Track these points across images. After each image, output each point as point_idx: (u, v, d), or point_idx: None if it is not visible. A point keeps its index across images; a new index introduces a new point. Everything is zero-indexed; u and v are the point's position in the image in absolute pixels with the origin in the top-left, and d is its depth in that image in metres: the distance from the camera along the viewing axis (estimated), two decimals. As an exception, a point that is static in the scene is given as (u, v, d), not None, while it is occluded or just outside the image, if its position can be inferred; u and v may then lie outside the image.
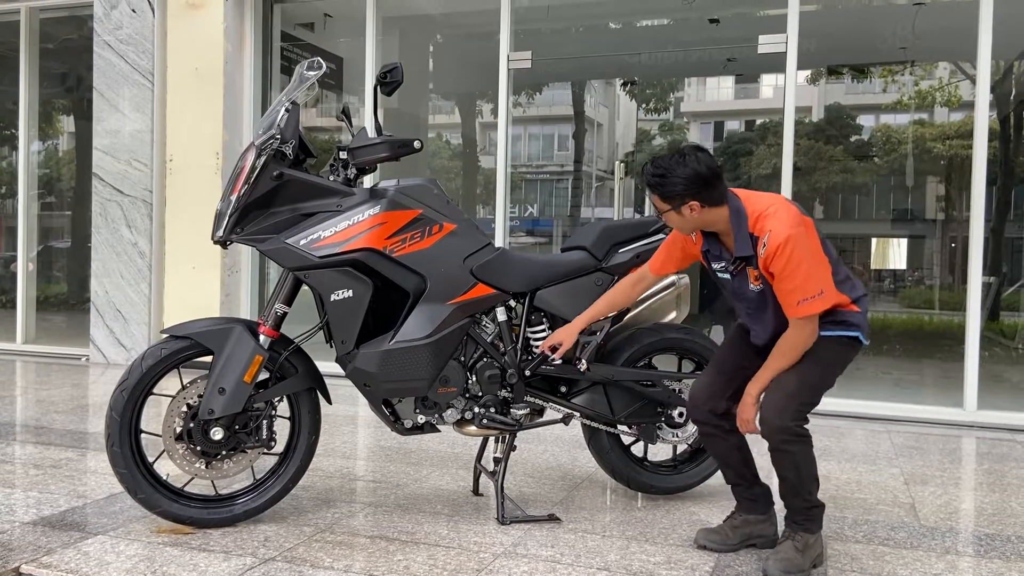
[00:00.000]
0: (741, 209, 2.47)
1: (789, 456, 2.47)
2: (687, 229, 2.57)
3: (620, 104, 18.64)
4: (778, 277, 2.39)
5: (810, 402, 2.50)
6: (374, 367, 2.75)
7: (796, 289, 2.37)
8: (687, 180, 2.43)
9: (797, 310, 2.39)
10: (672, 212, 2.49)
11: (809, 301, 2.37)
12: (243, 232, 2.71)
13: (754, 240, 2.43)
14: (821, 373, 2.50)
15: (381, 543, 2.68)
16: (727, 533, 2.71)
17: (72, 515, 2.89)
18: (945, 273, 12.27)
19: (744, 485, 2.74)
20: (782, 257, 2.35)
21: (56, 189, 9.94)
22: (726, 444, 2.71)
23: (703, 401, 2.69)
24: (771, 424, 2.45)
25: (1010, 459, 4.14)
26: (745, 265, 2.52)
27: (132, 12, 6.40)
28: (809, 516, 2.54)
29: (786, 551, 2.50)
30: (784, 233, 2.35)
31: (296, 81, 2.80)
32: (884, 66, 10.77)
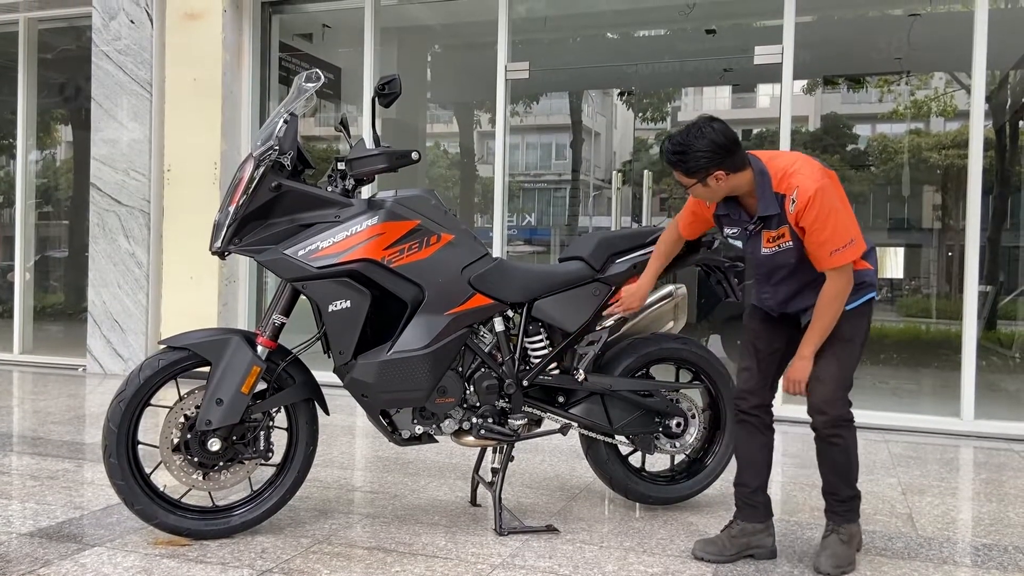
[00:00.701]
0: (764, 170, 2.51)
1: (842, 442, 2.59)
2: (715, 198, 2.59)
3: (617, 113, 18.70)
4: (809, 230, 2.43)
5: (850, 384, 2.61)
6: (372, 377, 2.75)
7: (828, 240, 2.42)
8: (708, 152, 2.45)
9: (830, 260, 2.44)
10: (699, 185, 2.51)
11: (841, 251, 2.42)
12: (241, 243, 2.71)
13: (780, 198, 2.47)
14: (852, 351, 2.59)
15: (379, 554, 2.68)
16: (724, 544, 2.71)
17: (69, 527, 2.89)
18: (942, 282, 12.29)
19: (752, 488, 2.75)
20: (812, 209, 2.39)
21: (53, 199, 9.95)
22: (761, 440, 2.76)
23: (752, 393, 2.75)
24: (827, 416, 2.56)
25: (1007, 469, 4.15)
26: (762, 227, 2.55)
27: (130, 23, 6.42)
28: (851, 506, 2.66)
29: (834, 546, 2.60)
30: (812, 187, 2.40)
31: (294, 93, 2.81)
32: (880, 76, 10.83)
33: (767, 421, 2.77)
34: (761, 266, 2.65)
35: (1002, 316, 9.21)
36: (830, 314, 2.50)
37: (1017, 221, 9.56)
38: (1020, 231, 9.44)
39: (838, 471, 2.64)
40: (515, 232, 18.04)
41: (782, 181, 2.48)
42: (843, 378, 2.58)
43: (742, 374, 2.81)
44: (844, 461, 2.62)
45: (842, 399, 2.58)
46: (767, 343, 2.76)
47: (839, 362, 2.57)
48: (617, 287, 3.06)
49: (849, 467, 2.64)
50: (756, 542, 2.72)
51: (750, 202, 2.57)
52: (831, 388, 2.55)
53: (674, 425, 3.15)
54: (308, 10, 6.93)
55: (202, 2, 6.32)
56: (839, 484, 2.65)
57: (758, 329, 2.79)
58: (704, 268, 3.22)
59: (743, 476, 2.76)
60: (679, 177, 2.54)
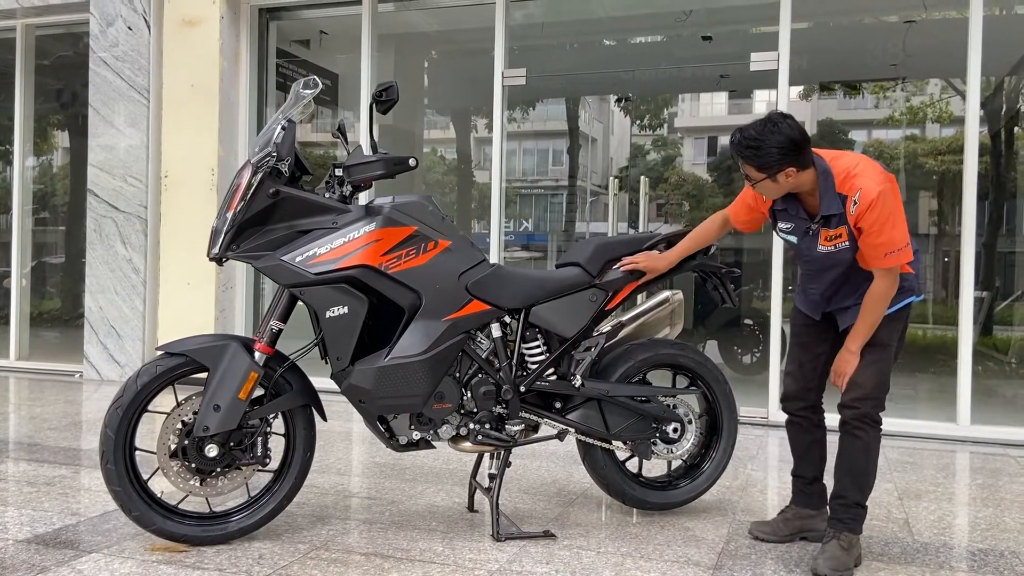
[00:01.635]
0: (828, 170, 2.56)
1: (864, 436, 2.65)
2: (779, 194, 2.61)
3: (614, 119, 18.74)
4: (867, 232, 2.48)
5: (887, 387, 2.67)
6: (369, 383, 2.76)
7: (885, 242, 2.48)
8: (782, 148, 2.48)
9: (885, 261, 2.50)
10: (767, 180, 2.54)
11: (896, 253, 2.50)
12: (239, 249, 2.72)
13: (842, 199, 2.52)
14: (887, 355, 2.66)
15: (376, 560, 2.68)
16: (779, 525, 2.91)
17: (66, 533, 2.88)
18: (938, 288, 12.31)
19: (807, 479, 2.91)
20: (874, 212, 2.45)
21: (50, 205, 9.94)
22: (811, 437, 2.89)
23: (796, 397, 2.86)
24: (858, 411, 2.64)
25: (1003, 474, 4.16)
26: (822, 226, 2.59)
27: (128, 29, 6.43)
28: (856, 516, 2.69)
29: (833, 550, 2.64)
30: (875, 190, 2.45)
31: (292, 99, 2.82)
32: (875, 82, 10.86)
33: (815, 420, 2.90)
34: (813, 263, 2.70)
35: (998, 321, 9.23)
36: (877, 312, 2.57)
37: (1013, 227, 9.59)
38: (1016, 236, 9.47)
39: (854, 471, 2.67)
40: (512, 238, 18.05)
41: (845, 182, 2.53)
42: (880, 382, 2.65)
43: (786, 379, 2.92)
44: (863, 462, 2.66)
45: (875, 400, 2.65)
46: (810, 349, 2.85)
47: (875, 366, 2.64)
48: (614, 293, 3.07)
49: (865, 470, 2.67)
50: (810, 526, 2.91)
51: (810, 200, 2.62)
52: (868, 389, 2.64)
53: (671, 430, 3.16)
54: (305, 16, 6.94)
55: (200, 9, 6.33)
56: (850, 487, 2.68)
57: (801, 334, 2.87)
58: (701, 274, 3.23)
59: (799, 468, 2.94)
60: (748, 171, 2.57)
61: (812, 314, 2.81)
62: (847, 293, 2.71)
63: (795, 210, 2.66)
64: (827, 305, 2.77)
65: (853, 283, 2.67)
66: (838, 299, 2.74)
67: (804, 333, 2.86)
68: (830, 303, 2.76)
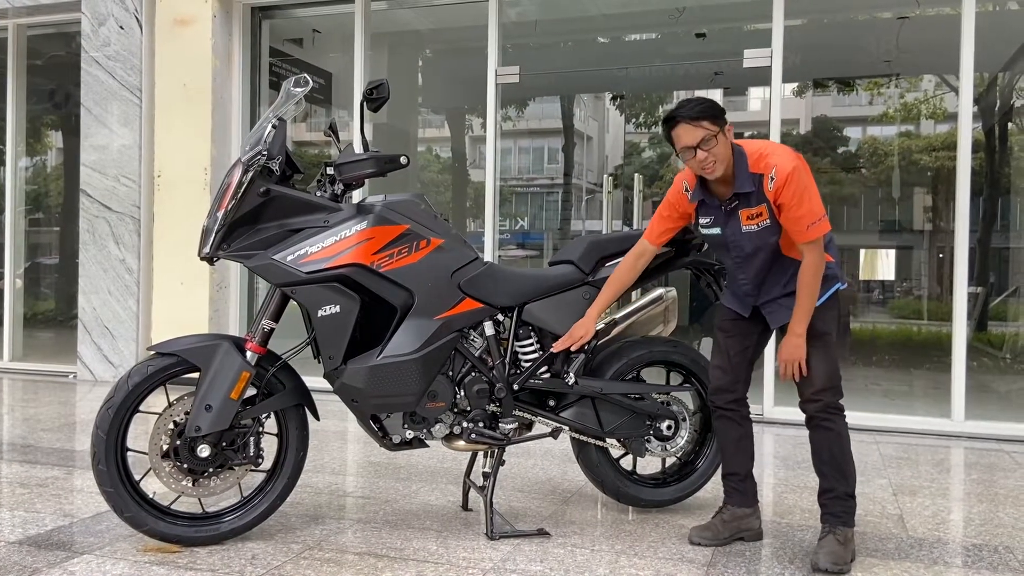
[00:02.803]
0: (741, 150, 2.66)
1: (834, 427, 2.67)
2: (725, 161, 2.64)
3: (609, 117, 18.74)
4: (787, 206, 2.56)
5: (838, 374, 2.70)
6: (362, 382, 2.75)
7: (806, 214, 2.55)
8: (717, 105, 2.62)
9: (808, 233, 2.56)
10: (720, 134, 2.61)
11: (818, 223, 2.56)
12: (230, 248, 2.71)
13: (757, 179, 2.60)
14: (829, 342, 2.69)
15: (370, 560, 2.67)
16: (718, 528, 2.87)
17: (58, 534, 2.87)
18: (933, 284, 12.34)
19: (739, 476, 2.90)
20: (791, 186, 2.54)
21: (44, 205, 9.91)
22: (741, 431, 2.89)
23: (725, 390, 2.88)
24: (820, 402, 2.67)
25: (998, 469, 4.16)
26: (738, 206, 2.66)
27: (120, 29, 6.41)
28: (848, 508, 2.71)
29: (831, 545, 2.65)
30: (790, 164, 2.56)
31: (283, 97, 2.80)
32: (869, 79, 10.87)
33: (743, 413, 2.91)
34: (738, 248, 2.72)
35: (993, 317, 9.26)
36: (813, 288, 2.61)
37: (1007, 222, 9.61)
38: (1010, 232, 9.49)
39: (833, 463, 2.69)
40: (508, 236, 18.05)
41: (758, 161, 2.62)
42: (829, 371, 2.68)
43: (714, 372, 2.93)
44: (839, 451, 2.68)
45: (832, 388, 2.69)
46: (738, 342, 2.87)
47: (821, 355, 2.67)
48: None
49: (844, 459, 2.69)
50: (746, 525, 2.89)
51: (721, 189, 2.70)
52: (822, 381, 2.67)
53: (665, 428, 3.15)
54: (298, 15, 6.93)
55: (192, 8, 6.31)
56: (835, 479, 2.69)
57: (729, 329, 2.89)
58: (694, 271, 3.23)
59: (730, 465, 2.92)
60: (706, 127, 2.58)
61: (741, 311, 2.83)
62: (775, 282, 2.73)
63: (711, 199, 2.73)
64: (757, 297, 2.78)
65: (779, 268, 2.71)
66: (767, 288, 2.75)
67: (732, 328, 2.88)
68: (759, 294, 2.77)
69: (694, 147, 2.61)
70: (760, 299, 2.79)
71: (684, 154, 2.65)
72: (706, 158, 2.61)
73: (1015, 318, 8.97)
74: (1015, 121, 9.55)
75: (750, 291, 2.79)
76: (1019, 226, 9.24)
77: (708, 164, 2.63)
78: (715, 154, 2.61)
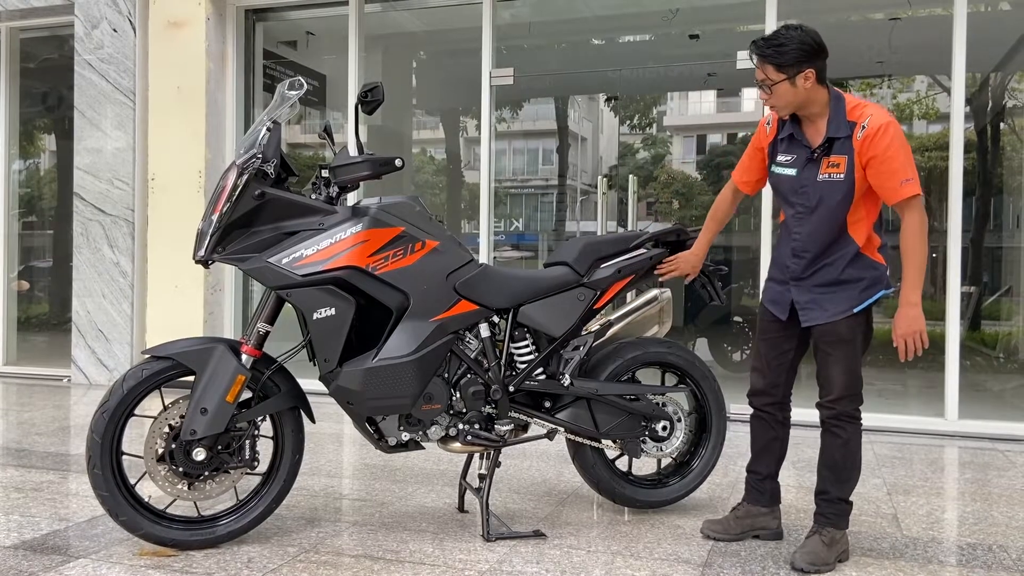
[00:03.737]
0: (840, 96, 2.59)
1: (843, 434, 2.66)
2: (791, 106, 2.59)
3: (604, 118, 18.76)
4: (880, 158, 2.48)
5: (859, 381, 2.67)
6: (357, 385, 2.75)
7: (899, 169, 2.48)
8: (803, 46, 2.51)
9: (902, 190, 2.49)
10: (786, 82, 2.54)
11: (911, 181, 2.50)
12: (225, 251, 2.70)
13: (850, 126, 2.53)
14: (852, 350, 2.65)
15: (366, 562, 2.67)
16: (730, 523, 2.89)
17: (54, 538, 2.86)
18: (927, 283, 12.37)
19: (760, 475, 2.90)
20: (885, 137, 2.46)
21: (37, 208, 9.89)
22: (773, 434, 2.88)
23: (763, 393, 2.87)
24: (835, 410, 2.66)
25: (992, 468, 4.18)
26: (824, 154, 2.58)
27: (113, 31, 6.40)
28: (839, 511, 2.70)
29: (813, 544, 2.65)
30: (886, 117, 2.50)
31: (277, 100, 2.81)
32: (862, 80, 10.90)
33: (780, 417, 2.89)
34: (806, 198, 2.63)
35: (986, 316, 9.29)
36: (919, 251, 2.53)
37: (1000, 222, 9.64)
38: (1003, 232, 9.53)
39: (835, 468, 2.69)
40: (502, 237, 18.06)
41: (855, 110, 2.56)
42: (849, 379, 2.65)
43: (753, 374, 2.93)
44: (841, 457, 2.67)
45: (850, 397, 2.66)
46: (775, 347, 2.83)
47: (842, 363, 2.65)
48: (602, 292, 3.08)
49: (845, 467, 2.68)
50: (762, 524, 2.90)
51: (812, 130, 2.62)
52: (840, 389, 2.65)
53: (660, 429, 3.16)
54: (292, 17, 6.92)
55: (185, 10, 6.30)
56: (832, 483, 2.70)
57: (767, 333, 2.86)
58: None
59: (755, 463, 2.92)
60: (768, 73, 2.55)
61: (779, 314, 2.78)
62: (828, 258, 2.62)
63: (800, 135, 2.65)
64: (801, 280, 2.68)
65: (838, 244, 2.61)
66: (817, 264, 2.64)
67: (771, 330, 2.84)
68: (805, 272, 2.66)
69: (759, 83, 2.60)
70: (804, 283, 2.68)
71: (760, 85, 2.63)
72: (767, 99, 2.61)
73: (1008, 317, 9.01)
74: (1007, 121, 9.60)
75: (799, 256, 2.67)
76: (1012, 226, 9.27)
77: (770, 104, 2.62)
78: (776, 99, 2.58)
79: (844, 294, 2.63)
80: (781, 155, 2.71)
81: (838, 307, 2.64)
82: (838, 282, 2.64)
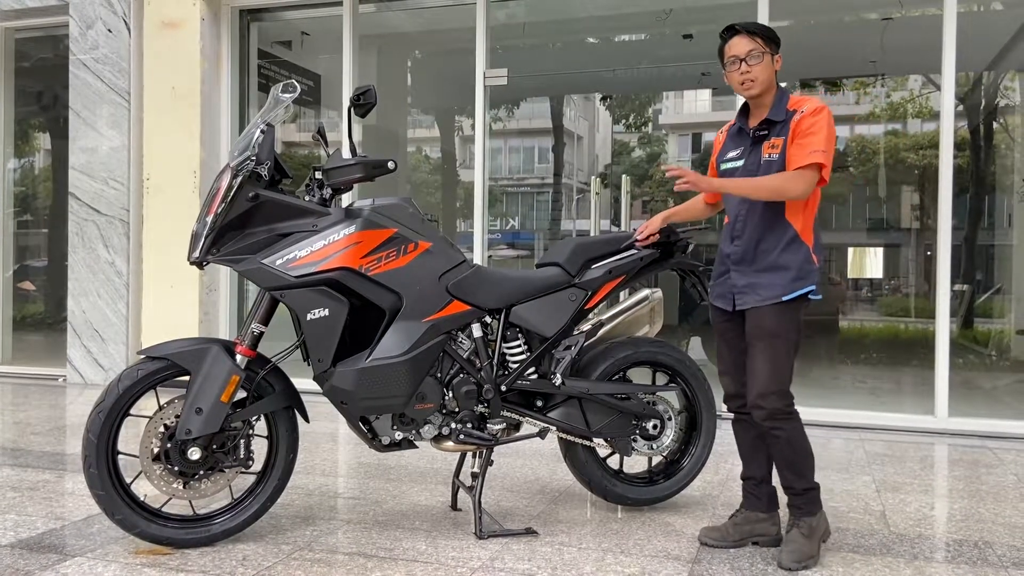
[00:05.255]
0: (786, 90, 2.79)
1: (782, 434, 2.69)
2: (764, 84, 2.74)
3: (599, 117, 18.80)
4: (804, 132, 2.64)
5: (786, 379, 2.71)
6: (351, 385, 2.78)
7: (814, 143, 2.62)
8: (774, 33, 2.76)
9: (808, 157, 2.62)
10: (768, 55, 2.73)
11: (820, 153, 2.61)
12: (219, 253, 2.73)
13: (790, 114, 2.71)
14: (779, 346, 2.69)
15: (360, 560, 2.70)
16: (728, 530, 2.88)
17: (50, 537, 2.89)
18: (920, 281, 12.43)
19: (756, 480, 2.92)
20: (814, 116, 2.65)
21: (32, 207, 9.89)
22: (755, 432, 2.88)
23: (737, 395, 2.90)
24: (764, 410, 2.67)
25: (980, 465, 4.22)
26: (765, 137, 2.74)
27: (108, 32, 6.41)
28: (809, 499, 2.74)
29: (795, 540, 2.68)
30: (824, 105, 2.69)
31: (271, 103, 2.83)
32: (856, 79, 10.95)
33: None
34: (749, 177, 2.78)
35: (979, 314, 9.35)
36: (764, 183, 2.65)
37: (993, 220, 9.70)
38: (995, 230, 9.58)
39: (788, 464, 2.73)
40: (498, 236, 18.09)
41: (797, 102, 2.73)
42: (775, 375, 2.67)
43: (723, 379, 2.95)
44: (790, 453, 2.71)
45: (776, 393, 2.67)
46: (733, 346, 2.88)
47: (768, 356, 2.68)
48: (593, 292, 3.11)
49: (796, 459, 2.72)
50: (760, 530, 2.89)
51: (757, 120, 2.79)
52: (762, 383, 2.68)
53: (651, 427, 3.20)
54: (287, 18, 6.94)
55: (180, 11, 6.32)
56: (791, 477, 2.74)
57: (723, 331, 2.91)
58: (679, 272, 3.28)
59: (747, 469, 2.95)
60: (755, 44, 2.71)
61: (725, 306, 2.85)
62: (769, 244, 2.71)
63: (746, 127, 2.82)
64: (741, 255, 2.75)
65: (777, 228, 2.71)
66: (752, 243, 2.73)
67: (724, 329, 2.89)
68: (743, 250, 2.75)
69: (742, 58, 2.72)
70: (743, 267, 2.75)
71: (730, 65, 2.76)
72: (748, 72, 2.72)
73: (1001, 315, 9.06)
74: (1000, 120, 9.65)
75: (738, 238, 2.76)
76: (1005, 224, 9.33)
77: (748, 79, 2.73)
78: (757, 72, 2.72)
79: (777, 279, 2.70)
80: (730, 152, 2.87)
81: (770, 292, 2.70)
82: (774, 266, 2.71)
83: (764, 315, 2.70)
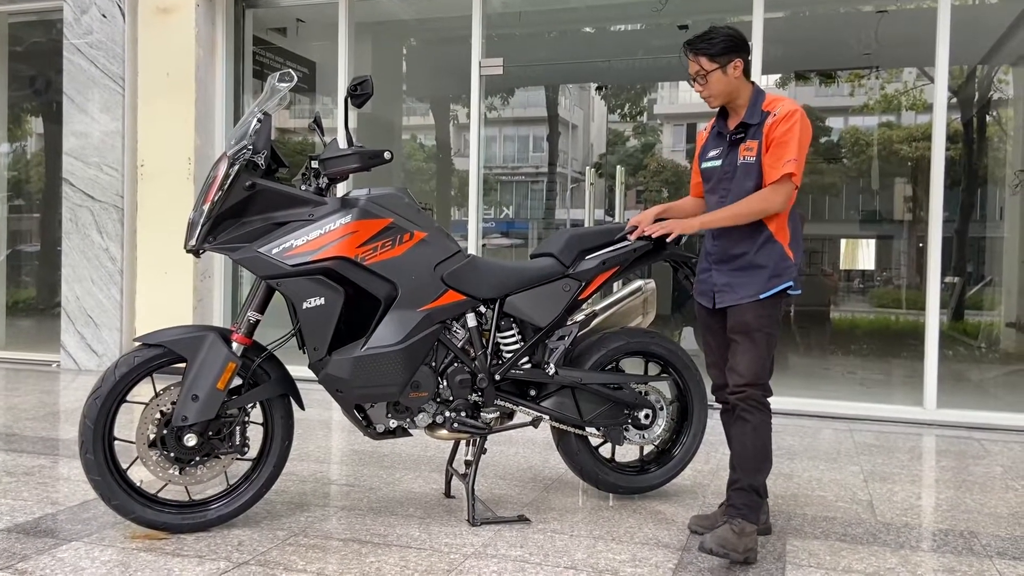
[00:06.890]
0: (761, 91, 2.80)
1: (751, 419, 2.71)
2: (723, 96, 2.78)
3: (594, 106, 18.77)
4: (777, 142, 2.68)
5: (765, 373, 2.75)
6: (346, 373, 2.80)
7: (787, 153, 2.66)
8: (730, 37, 2.72)
9: (783, 167, 2.66)
10: (718, 71, 2.72)
11: (792, 163, 2.65)
12: (216, 241, 2.75)
13: (764, 115, 2.73)
14: (758, 342, 2.73)
15: (354, 546, 2.73)
16: (717, 519, 2.88)
17: (46, 522, 2.91)
18: (912, 273, 12.49)
19: None
20: (787, 122, 2.67)
21: (25, 192, 9.85)
22: None
23: (722, 387, 2.93)
24: (742, 394, 2.70)
25: (968, 456, 4.27)
26: (742, 140, 2.77)
27: (102, 17, 6.38)
28: (749, 502, 2.69)
29: (724, 532, 2.62)
30: (796, 108, 2.71)
31: (267, 92, 2.84)
32: (851, 71, 10.96)
33: None
34: (727, 182, 2.81)
35: (970, 307, 9.41)
36: (745, 207, 2.70)
37: (985, 213, 9.75)
38: (987, 223, 9.64)
39: (744, 454, 2.72)
40: (492, 225, 18.09)
41: (772, 103, 2.75)
42: (756, 368, 2.71)
43: (711, 370, 2.98)
44: (751, 442, 2.71)
45: (757, 385, 2.72)
46: (719, 337, 2.91)
47: (749, 351, 2.72)
48: (587, 283, 3.14)
49: (755, 455, 2.71)
50: None
51: (735, 122, 2.81)
52: (747, 376, 2.71)
53: (643, 417, 3.23)
54: (282, 4, 6.92)
55: (175, -4, 6.29)
56: (742, 470, 2.72)
57: (707, 325, 2.95)
58: (672, 263, 3.30)
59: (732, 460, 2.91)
60: (702, 64, 2.72)
61: (706, 303, 2.89)
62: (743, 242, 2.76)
63: (725, 130, 2.85)
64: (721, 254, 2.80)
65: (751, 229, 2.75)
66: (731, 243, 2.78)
67: (708, 323, 2.93)
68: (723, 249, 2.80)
69: (694, 78, 2.78)
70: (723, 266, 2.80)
71: (693, 82, 2.81)
72: (702, 90, 2.79)
73: (991, 308, 9.13)
74: (993, 113, 9.69)
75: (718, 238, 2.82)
76: (996, 217, 9.38)
77: (704, 95, 2.80)
78: (711, 88, 2.76)
79: (754, 279, 2.73)
80: (710, 152, 2.90)
81: (747, 291, 2.73)
82: (751, 266, 2.75)
83: (743, 312, 2.74)
